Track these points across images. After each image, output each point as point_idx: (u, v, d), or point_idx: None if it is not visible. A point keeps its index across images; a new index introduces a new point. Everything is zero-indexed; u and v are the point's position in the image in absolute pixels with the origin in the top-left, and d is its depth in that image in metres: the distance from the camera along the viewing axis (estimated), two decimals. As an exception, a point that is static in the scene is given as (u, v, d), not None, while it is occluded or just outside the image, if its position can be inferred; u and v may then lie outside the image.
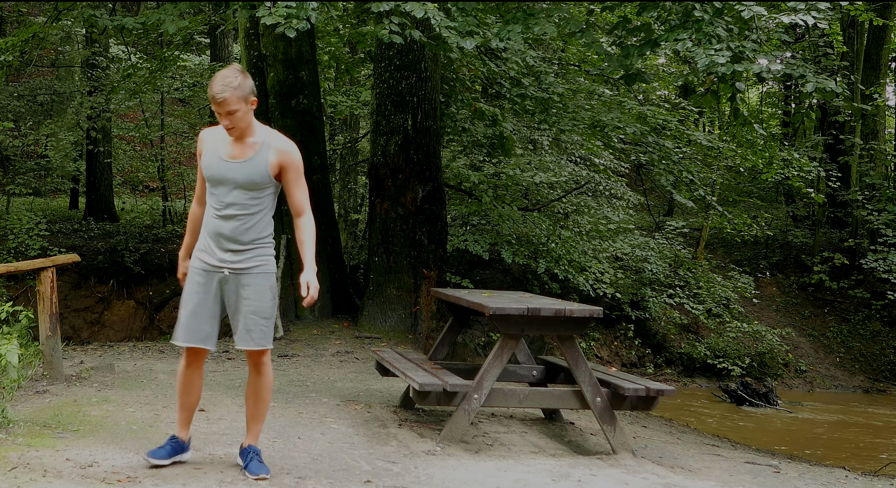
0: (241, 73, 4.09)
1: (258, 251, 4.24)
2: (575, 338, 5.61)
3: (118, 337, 12.47)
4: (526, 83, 12.14)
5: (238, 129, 4.12)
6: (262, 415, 4.40)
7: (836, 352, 16.26)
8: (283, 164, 4.19)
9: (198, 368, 4.39)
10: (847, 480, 6.17)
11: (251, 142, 4.17)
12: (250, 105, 4.11)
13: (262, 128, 4.23)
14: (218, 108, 4.06)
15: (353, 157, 17.50)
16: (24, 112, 17.36)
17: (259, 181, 4.16)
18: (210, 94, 4.06)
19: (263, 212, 4.25)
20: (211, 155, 4.21)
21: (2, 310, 6.76)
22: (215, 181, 4.19)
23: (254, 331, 4.21)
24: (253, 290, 4.21)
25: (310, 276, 4.23)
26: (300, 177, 4.26)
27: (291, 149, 4.23)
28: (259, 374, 4.32)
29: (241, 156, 4.16)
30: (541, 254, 13.02)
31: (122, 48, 16.90)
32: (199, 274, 4.26)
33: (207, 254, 4.25)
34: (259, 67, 10.78)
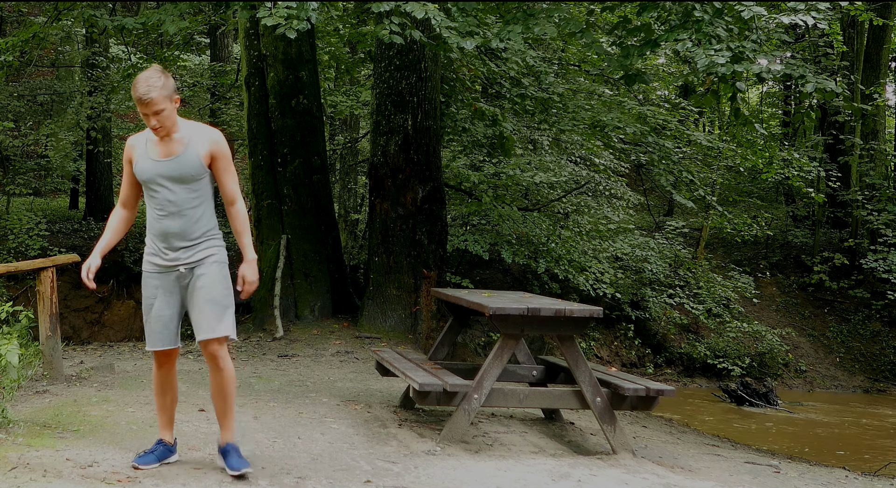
0: (163, 74, 4.17)
1: (209, 242, 4.29)
2: (575, 338, 5.61)
3: (118, 337, 12.47)
4: (526, 83, 12.14)
5: (165, 128, 4.19)
6: (230, 409, 4.39)
7: (836, 352, 16.26)
8: (213, 154, 4.26)
9: (170, 369, 4.45)
10: (847, 480, 6.17)
11: (178, 138, 4.25)
12: (174, 103, 4.19)
13: (185, 123, 4.31)
14: (144, 109, 4.13)
15: (353, 157, 17.50)
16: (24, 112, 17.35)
17: (194, 174, 4.22)
18: (135, 95, 4.12)
19: (206, 203, 4.30)
20: (143, 159, 4.27)
21: (2, 310, 6.76)
22: (153, 183, 4.25)
23: (210, 319, 4.23)
24: (207, 279, 4.25)
25: (247, 269, 4.29)
26: (230, 165, 4.33)
27: (219, 138, 4.31)
28: (217, 368, 4.30)
29: (171, 154, 4.23)
30: (541, 254, 13.02)
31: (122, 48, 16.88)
32: (154, 277, 4.32)
33: (158, 256, 4.31)
34: (259, 67, 10.78)
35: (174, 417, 4.54)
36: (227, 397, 4.36)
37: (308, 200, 10.70)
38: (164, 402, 4.47)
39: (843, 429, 11.40)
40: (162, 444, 4.43)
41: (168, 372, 4.44)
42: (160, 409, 4.49)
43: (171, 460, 4.45)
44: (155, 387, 4.48)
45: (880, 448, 10.18)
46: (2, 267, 6.76)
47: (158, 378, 4.45)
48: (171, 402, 4.48)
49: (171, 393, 4.47)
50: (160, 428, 4.49)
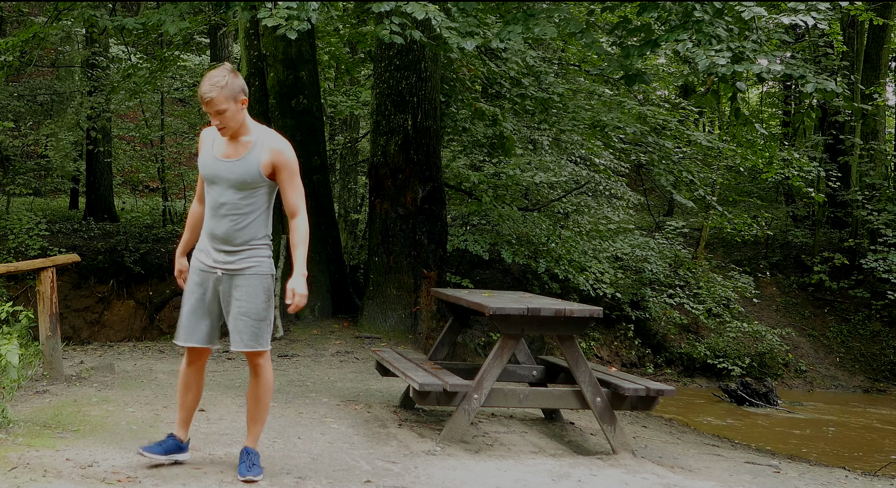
0: (231, 73, 4.10)
1: (252, 252, 4.22)
2: (575, 338, 5.61)
3: (118, 337, 12.47)
4: (526, 83, 12.14)
5: (229, 129, 4.13)
6: (261, 418, 4.38)
7: (836, 352, 16.26)
8: (275, 164, 4.17)
9: (199, 368, 4.39)
10: (847, 480, 6.17)
11: (244, 141, 4.18)
12: (240, 104, 4.11)
13: (256, 128, 4.23)
14: (207, 108, 4.08)
15: (353, 157, 17.50)
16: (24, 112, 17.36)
17: (250, 180, 4.15)
18: (199, 94, 4.08)
19: (257, 212, 4.22)
20: (207, 154, 4.23)
21: (2, 310, 6.76)
22: (210, 180, 4.21)
23: (244, 333, 4.19)
24: (244, 291, 4.19)
25: (297, 283, 4.15)
26: (294, 177, 4.23)
27: (285, 148, 4.20)
28: (255, 376, 4.31)
29: (234, 156, 4.17)
30: (541, 254, 13.02)
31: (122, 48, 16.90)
32: (197, 273, 4.28)
33: (204, 254, 4.27)
34: (259, 67, 10.79)
35: (192, 417, 4.50)
36: (259, 404, 4.34)
37: (308, 200, 10.60)
38: (186, 400, 4.43)
39: (844, 429, 11.40)
40: (173, 439, 4.41)
41: (196, 371, 4.38)
42: (181, 406, 4.44)
43: (180, 457, 4.43)
44: (180, 384, 4.43)
45: (880, 447, 10.18)
46: (2, 267, 6.76)
47: (185, 375, 4.39)
48: (192, 401, 4.44)
49: (195, 393, 4.42)
50: (176, 424, 4.46)
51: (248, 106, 4.25)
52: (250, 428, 4.40)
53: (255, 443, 4.40)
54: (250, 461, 4.29)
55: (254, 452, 4.35)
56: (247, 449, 4.35)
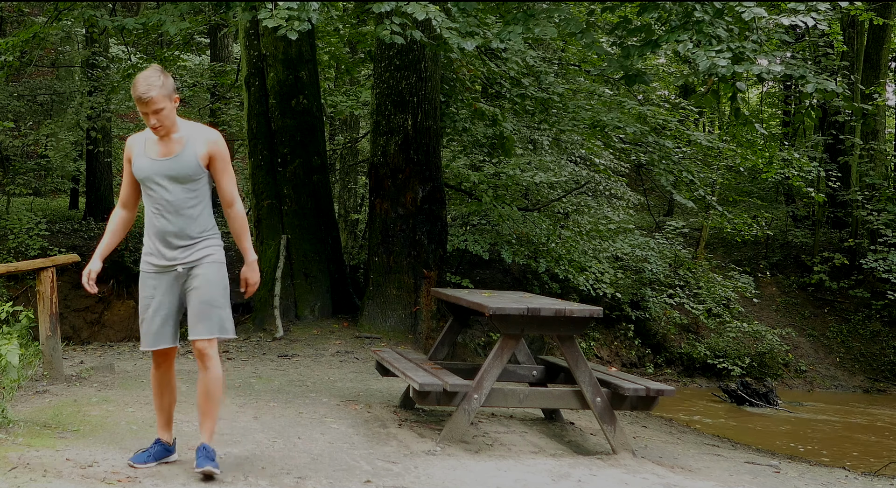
0: (162, 73, 4.18)
1: (206, 242, 4.29)
2: (575, 338, 5.61)
3: (118, 337, 12.47)
4: (526, 83, 12.14)
5: (164, 128, 4.20)
6: (213, 412, 4.33)
7: (836, 352, 16.26)
8: (211, 154, 4.26)
9: (168, 369, 4.44)
10: (847, 480, 6.18)
11: (177, 138, 4.25)
12: (174, 102, 4.20)
13: (184, 123, 4.31)
14: (144, 108, 4.14)
15: (353, 157, 17.50)
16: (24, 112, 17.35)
17: (192, 173, 4.23)
18: (135, 95, 4.13)
19: (203, 203, 4.30)
20: (141, 158, 4.28)
21: (2, 310, 6.76)
22: (151, 182, 4.26)
23: (204, 320, 4.22)
24: (203, 279, 4.25)
25: (249, 270, 4.32)
26: (228, 166, 4.32)
27: (217, 139, 4.30)
28: (205, 369, 4.27)
29: (170, 153, 4.24)
30: (541, 254, 13.02)
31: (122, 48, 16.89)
32: (152, 277, 4.33)
33: (155, 256, 4.31)
34: (259, 67, 10.78)
35: (172, 417, 4.52)
36: (212, 398, 4.30)
37: (308, 200, 10.70)
38: (163, 403, 4.46)
39: (843, 429, 11.40)
40: (159, 444, 4.42)
41: (166, 372, 4.43)
42: (158, 409, 4.48)
43: (170, 460, 4.44)
44: (153, 387, 4.47)
45: (880, 448, 10.18)
46: (2, 267, 6.76)
47: (157, 378, 4.44)
48: (169, 403, 4.47)
49: (169, 394, 4.47)
50: (158, 428, 4.48)
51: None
52: (204, 423, 4.32)
53: (212, 439, 4.33)
54: (207, 454, 4.22)
55: (211, 448, 4.28)
56: (204, 446, 4.27)
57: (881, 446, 10.31)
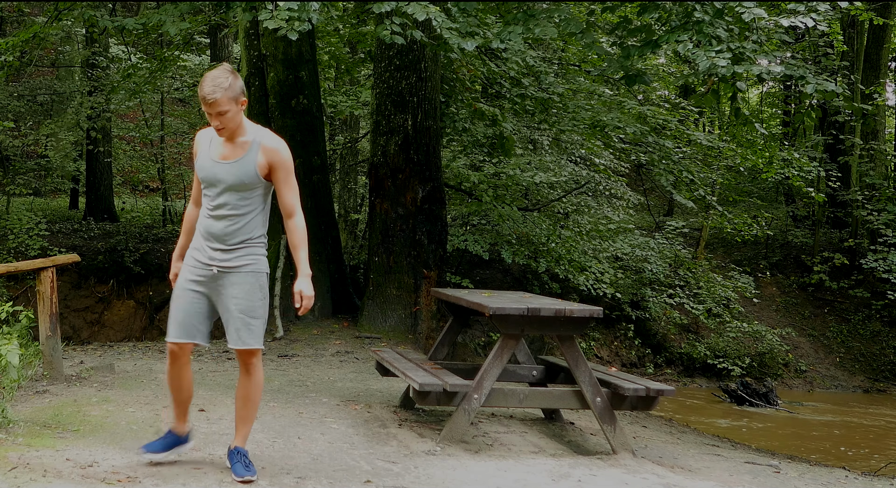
0: (232, 74, 4.11)
1: (248, 250, 4.23)
2: (575, 338, 5.61)
3: (118, 337, 12.47)
4: (526, 83, 12.14)
5: (228, 130, 4.14)
6: (250, 417, 4.39)
7: (836, 352, 16.26)
8: (272, 164, 4.18)
9: (185, 363, 4.39)
10: (847, 480, 6.18)
11: (241, 141, 4.18)
12: (240, 105, 4.12)
13: (252, 128, 4.24)
14: (208, 109, 4.08)
15: (353, 157, 17.50)
16: (24, 112, 17.36)
17: (248, 182, 4.16)
18: (201, 94, 4.07)
19: (254, 212, 4.23)
20: (204, 156, 4.24)
21: (2, 310, 6.76)
22: (207, 182, 4.22)
23: (241, 331, 4.20)
24: (241, 289, 4.20)
25: (303, 284, 4.17)
26: (290, 177, 4.23)
27: (281, 148, 4.21)
28: (248, 375, 4.31)
29: (231, 157, 4.17)
30: (541, 254, 13.03)
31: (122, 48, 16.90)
32: (190, 271, 4.28)
33: (199, 251, 4.27)
34: (259, 67, 10.78)
35: (188, 410, 4.50)
36: (250, 403, 4.35)
37: (308, 200, 10.66)
38: (181, 396, 4.42)
39: (844, 429, 11.40)
40: (172, 434, 4.42)
41: (181, 368, 4.36)
42: (175, 402, 4.44)
43: (184, 449, 4.46)
44: (170, 383, 4.42)
45: (880, 448, 10.18)
46: (2, 267, 6.76)
47: (172, 373, 4.38)
48: (187, 395, 4.44)
49: (187, 388, 4.43)
50: (174, 419, 4.46)
51: (247, 106, 4.25)
52: (240, 427, 4.40)
53: (245, 443, 4.40)
54: (244, 461, 4.30)
55: (244, 451, 4.36)
56: (238, 449, 4.35)
57: (881, 446, 10.31)
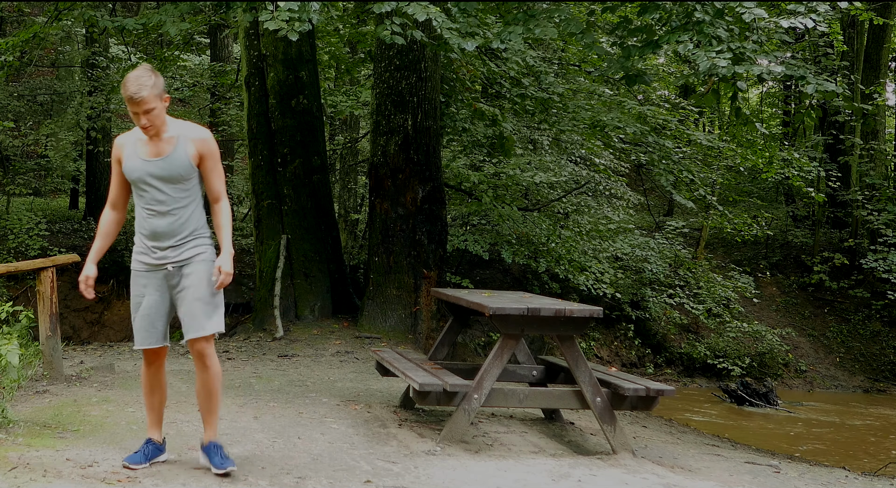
0: (153, 72, 4.17)
1: (196, 241, 4.29)
2: (575, 338, 5.61)
3: (118, 337, 12.47)
4: (526, 83, 12.14)
5: (154, 127, 4.18)
6: (215, 408, 4.40)
7: (836, 352, 16.27)
8: (202, 153, 4.26)
9: (159, 367, 4.45)
10: (847, 480, 6.18)
11: (167, 137, 4.24)
12: (164, 102, 4.19)
13: (174, 123, 4.30)
14: (135, 108, 4.12)
15: (353, 157, 17.50)
16: (24, 112, 17.36)
17: (183, 173, 4.22)
18: (126, 94, 4.11)
19: (195, 202, 4.30)
20: (132, 158, 4.27)
21: (2, 310, 6.76)
22: (142, 182, 4.25)
23: (198, 317, 4.23)
24: (195, 278, 4.25)
25: (224, 261, 4.23)
26: (217, 164, 4.33)
27: (208, 137, 4.31)
28: (205, 367, 4.31)
29: (161, 153, 4.22)
30: (541, 254, 13.03)
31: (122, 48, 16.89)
32: (142, 276, 4.33)
33: (146, 254, 4.32)
34: (259, 67, 10.78)
35: (162, 417, 4.54)
36: (213, 396, 4.36)
37: (308, 200, 10.70)
38: (153, 402, 4.48)
39: (843, 429, 11.40)
40: (151, 443, 4.43)
41: (157, 371, 4.44)
42: (149, 408, 4.50)
43: (160, 459, 4.45)
44: (144, 386, 4.49)
45: (880, 447, 10.18)
46: (2, 267, 6.76)
47: (147, 377, 4.46)
48: (159, 402, 4.49)
49: (159, 393, 4.48)
50: (148, 427, 4.50)
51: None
52: (207, 420, 4.40)
53: (216, 435, 4.42)
54: (220, 453, 4.31)
55: (218, 444, 4.38)
56: (212, 443, 4.36)
57: (881, 446, 10.31)
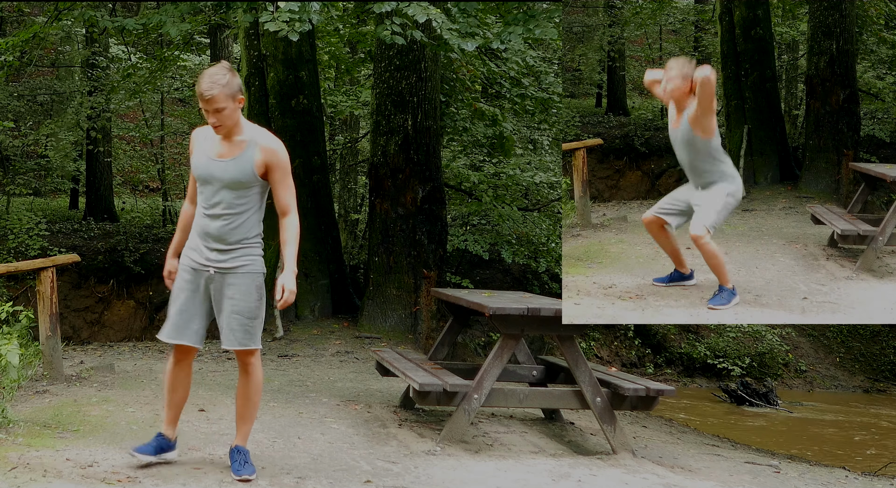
0: (230, 71, 4.12)
1: (244, 251, 4.24)
2: (575, 338, 5.61)
3: (118, 337, 12.47)
4: (526, 83, 12.14)
5: (225, 128, 4.13)
6: (251, 416, 4.41)
7: (836, 352, 16.26)
8: (268, 163, 4.17)
9: (186, 366, 4.42)
10: (847, 480, 6.18)
11: (238, 140, 4.18)
12: (237, 103, 4.12)
13: (250, 127, 4.24)
14: (206, 106, 4.08)
15: (353, 157, 17.50)
16: (24, 112, 17.34)
17: (244, 180, 4.16)
18: (198, 91, 4.08)
19: (250, 211, 4.23)
20: (200, 153, 4.23)
21: (2, 310, 6.76)
22: (203, 180, 4.21)
23: (236, 331, 4.21)
24: (237, 290, 4.21)
25: (287, 279, 4.21)
26: (286, 177, 4.24)
27: (278, 148, 4.21)
28: (247, 374, 4.33)
29: (228, 155, 4.17)
30: (541, 254, 13.02)
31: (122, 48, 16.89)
32: (188, 271, 4.29)
33: (196, 252, 4.27)
34: (259, 67, 10.78)
35: (180, 415, 4.51)
36: (249, 403, 4.38)
37: (308, 200, 10.69)
38: (174, 399, 4.44)
39: (843, 429, 11.40)
40: (161, 437, 4.42)
41: (182, 369, 4.40)
42: (168, 405, 4.45)
43: (168, 456, 4.43)
44: (167, 383, 4.44)
45: (880, 448, 10.18)
46: (2, 267, 6.77)
47: (172, 373, 4.40)
48: (181, 399, 4.46)
49: (182, 391, 4.45)
50: (165, 423, 4.46)
51: (247, 106, 4.28)
52: (240, 426, 4.42)
53: (246, 442, 4.42)
54: (243, 459, 4.31)
55: (245, 450, 4.37)
56: (238, 448, 4.37)
57: (881, 446, 10.30)
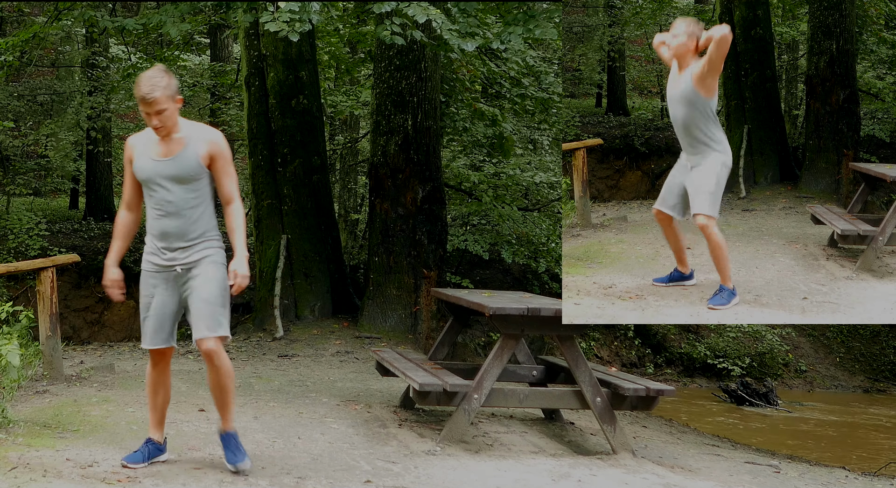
0: (167, 73, 4.21)
1: (206, 244, 4.32)
2: (575, 338, 5.61)
3: (118, 337, 12.47)
4: (526, 83, 12.14)
5: (166, 128, 4.22)
6: (230, 403, 4.44)
7: (836, 352, 16.26)
8: (213, 154, 4.28)
9: (164, 368, 4.49)
10: (847, 480, 6.18)
11: (177, 138, 4.27)
12: (176, 103, 4.22)
13: (185, 123, 4.33)
14: (147, 109, 4.15)
15: (353, 157, 17.50)
16: (24, 112, 17.33)
17: (193, 174, 4.25)
18: (138, 95, 4.15)
19: (205, 203, 4.32)
20: (142, 158, 4.30)
21: (2, 310, 6.76)
22: (152, 182, 4.28)
23: (206, 318, 4.26)
24: (203, 279, 4.28)
25: (239, 264, 4.26)
26: (228, 165, 4.35)
27: (219, 139, 4.33)
28: (215, 366, 4.33)
29: (171, 153, 4.26)
30: (541, 254, 13.02)
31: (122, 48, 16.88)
32: (152, 276, 4.37)
33: (156, 255, 4.35)
34: (259, 67, 10.78)
35: (165, 417, 4.56)
36: (225, 392, 4.40)
37: (308, 200, 10.70)
38: (156, 402, 4.51)
39: (844, 429, 11.40)
40: (151, 443, 4.45)
41: (162, 371, 4.48)
42: (151, 408, 4.53)
43: (160, 459, 4.47)
44: (148, 386, 4.52)
45: (880, 448, 10.18)
46: (2, 267, 6.77)
47: (152, 377, 4.49)
48: (162, 402, 4.52)
49: (163, 393, 4.51)
50: (150, 427, 4.52)
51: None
52: (223, 413, 4.44)
53: (232, 424, 4.46)
54: (234, 444, 4.35)
55: (234, 434, 4.42)
56: (228, 433, 4.40)
57: (881, 446, 10.30)
